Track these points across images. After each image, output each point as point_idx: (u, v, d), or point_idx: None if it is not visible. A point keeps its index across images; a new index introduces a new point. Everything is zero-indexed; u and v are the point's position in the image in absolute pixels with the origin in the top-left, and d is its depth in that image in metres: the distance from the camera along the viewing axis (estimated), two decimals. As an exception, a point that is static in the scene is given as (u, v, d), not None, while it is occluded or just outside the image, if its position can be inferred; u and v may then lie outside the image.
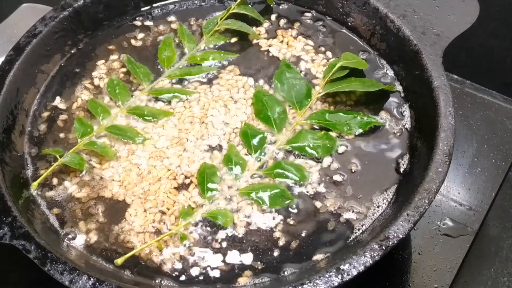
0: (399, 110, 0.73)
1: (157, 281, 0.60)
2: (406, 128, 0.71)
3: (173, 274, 0.60)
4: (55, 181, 0.68)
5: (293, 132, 0.71)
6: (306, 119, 0.72)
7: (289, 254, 0.61)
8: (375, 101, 0.74)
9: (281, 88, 0.75)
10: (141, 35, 0.85)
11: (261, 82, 0.77)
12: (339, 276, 0.53)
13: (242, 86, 0.77)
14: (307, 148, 0.69)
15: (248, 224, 0.64)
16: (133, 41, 0.84)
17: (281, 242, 0.62)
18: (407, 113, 0.73)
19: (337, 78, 0.74)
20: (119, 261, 0.60)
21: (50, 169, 0.68)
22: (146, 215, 0.65)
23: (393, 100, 0.75)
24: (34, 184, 0.67)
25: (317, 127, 0.71)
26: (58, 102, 0.77)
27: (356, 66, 0.74)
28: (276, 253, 0.61)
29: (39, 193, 0.67)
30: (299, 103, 0.73)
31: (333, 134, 0.71)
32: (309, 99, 0.74)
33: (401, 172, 0.67)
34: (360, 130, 0.71)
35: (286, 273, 0.60)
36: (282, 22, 0.86)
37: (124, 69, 0.80)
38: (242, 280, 0.59)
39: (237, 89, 0.77)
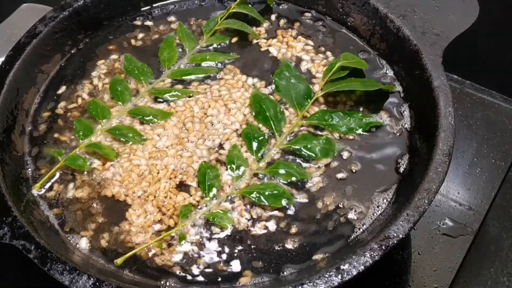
0: (399, 110, 0.73)
1: (157, 281, 0.60)
2: (406, 128, 0.71)
3: (174, 274, 0.60)
4: (55, 181, 0.68)
5: (293, 132, 0.71)
6: (306, 119, 0.72)
7: (289, 254, 0.61)
8: (375, 101, 0.74)
9: (281, 88, 0.75)
10: (141, 35, 0.85)
11: (261, 82, 0.77)
12: (339, 276, 0.53)
13: (242, 86, 0.77)
14: (306, 151, 0.69)
15: (248, 224, 0.64)
16: (133, 41, 0.84)
17: (281, 242, 0.62)
18: (407, 113, 0.73)
19: (336, 78, 0.74)
20: (119, 261, 0.60)
21: (52, 170, 0.68)
22: (146, 215, 0.65)
23: (393, 100, 0.75)
24: (37, 185, 0.67)
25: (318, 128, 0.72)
26: (58, 102, 0.77)
27: (356, 66, 0.74)
28: (276, 253, 0.61)
29: (40, 193, 0.67)
30: (299, 104, 0.73)
31: (333, 135, 0.71)
32: (308, 100, 0.74)
33: (401, 172, 0.67)
34: (360, 130, 0.71)
35: (286, 273, 0.60)
36: (282, 22, 0.86)
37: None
38: (242, 280, 0.59)
39: (237, 89, 0.77)
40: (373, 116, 0.73)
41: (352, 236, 0.62)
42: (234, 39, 0.83)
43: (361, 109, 0.74)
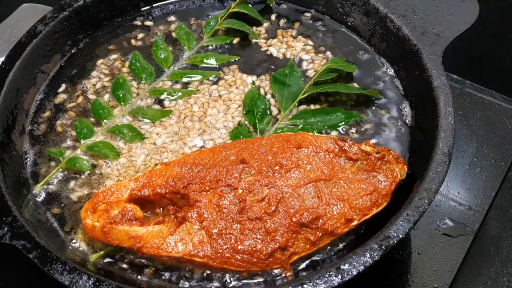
0: (399, 110, 0.73)
1: (156, 280, 0.60)
2: (406, 128, 0.71)
3: (173, 275, 0.60)
4: (55, 180, 0.68)
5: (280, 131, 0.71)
6: (288, 120, 0.72)
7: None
8: (375, 101, 0.75)
9: (277, 85, 0.75)
10: (141, 35, 0.85)
11: (260, 81, 0.77)
12: (339, 276, 0.53)
13: (241, 85, 0.77)
14: None
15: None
16: (133, 41, 0.84)
17: (281, 242, 0.62)
18: (407, 112, 0.73)
19: (324, 81, 0.75)
20: (94, 257, 0.61)
21: (53, 171, 0.68)
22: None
23: (393, 100, 0.75)
24: (37, 186, 0.67)
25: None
26: (58, 101, 0.77)
27: (343, 69, 0.75)
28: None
29: (40, 193, 0.67)
30: (287, 103, 0.73)
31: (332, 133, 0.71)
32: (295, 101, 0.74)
33: (401, 172, 0.67)
34: (343, 125, 0.71)
35: (286, 273, 0.60)
36: (282, 22, 0.86)
37: (124, 69, 0.80)
38: (242, 279, 0.59)
39: (237, 88, 0.77)
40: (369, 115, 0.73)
41: (352, 236, 0.62)
42: (234, 39, 0.83)
43: (361, 109, 0.74)
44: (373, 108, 0.74)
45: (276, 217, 0.58)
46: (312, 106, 0.74)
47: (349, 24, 0.84)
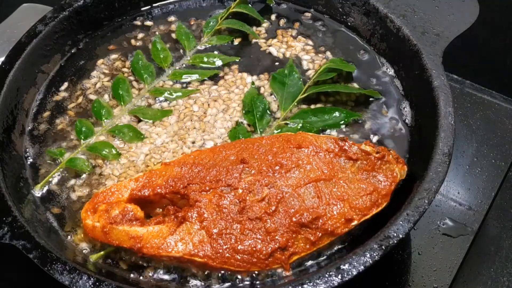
0: (399, 110, 0.73)
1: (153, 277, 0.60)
2: (406, 128, 0.71)
3: (174, 274, 0.60)
4: (55, 181, 0.68)
5: (280, 131, 0.71)
6: (288, 119, 0.72)
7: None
8: (375, 101, 0.75)
9: (276, 84, 0.76)
10: (141, 35, 0.85)
11: (259, 81, 0.77)
12: (339, 276, 0.53)
13: (241, 85, 0.77)
14: None
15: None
16: (133, 41, 0.84)
17: (281, 242, 0.62)
18: (407, 112, 0.73)
19: (324, 81, 0.75)
20: (94, 257, 0.61)
21: (53, 172, 0.68)
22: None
23: (393, 100, 0.75)
24: (37, 186, 0.67)
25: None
26: (58, 101, 0.77)
27: (342, 68, 0.75)
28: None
29: (40, 193, 0.67)
30: (286, 103, 0.73)
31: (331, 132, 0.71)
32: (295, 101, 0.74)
33: (401, 172, 0.67)
34: (343, 124, 0.71)
35: (286, 272, 0.60)
36: (282, 22, 0.86)
37: (125, 69, 0.80)
38: (242, 279, 0.59)
39: (237, 88, 0.77)
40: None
41: (352, 236, 0.62)
42: (234, 39, 0.83)
43: (361, 108, 0.74)
44: (373, 108, 0.74)
45: (276, 217, 0.58)
46: (312, 106, 0.74)
47: (349, 24, 0.84)
